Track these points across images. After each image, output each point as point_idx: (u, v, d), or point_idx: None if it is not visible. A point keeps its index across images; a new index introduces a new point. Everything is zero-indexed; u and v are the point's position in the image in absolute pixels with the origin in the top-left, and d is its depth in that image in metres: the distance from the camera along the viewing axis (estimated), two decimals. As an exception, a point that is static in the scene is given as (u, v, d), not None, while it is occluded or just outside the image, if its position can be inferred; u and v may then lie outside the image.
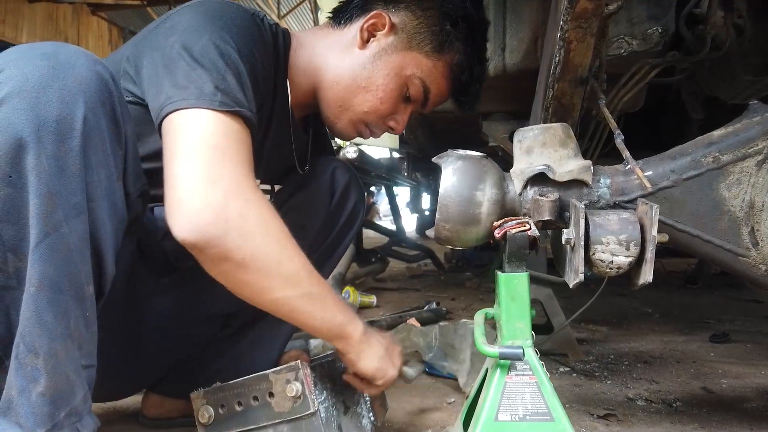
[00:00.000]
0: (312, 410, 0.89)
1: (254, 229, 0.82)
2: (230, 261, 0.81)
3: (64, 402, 0.70)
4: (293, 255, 0.86)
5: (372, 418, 1.10)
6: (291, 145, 1.17)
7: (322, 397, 0.95)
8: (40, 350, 0.68)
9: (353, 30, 1.09)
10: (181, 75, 0.84)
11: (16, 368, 0.68)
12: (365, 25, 1.07)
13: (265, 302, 0.87)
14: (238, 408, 0.94)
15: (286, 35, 1.09)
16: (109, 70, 0.76)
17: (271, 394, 0.92)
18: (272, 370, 0.92)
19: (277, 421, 0.91)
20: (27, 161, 0.67)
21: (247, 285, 0.84)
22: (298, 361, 0.92)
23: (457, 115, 1.99)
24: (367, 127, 1.12)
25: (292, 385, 0.90)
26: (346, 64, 1.07)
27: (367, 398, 1.10)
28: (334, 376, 1.03)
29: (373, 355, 0.97)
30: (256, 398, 0.93)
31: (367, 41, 1.07)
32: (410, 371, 1.10)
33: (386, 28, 1.07)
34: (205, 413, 0.95)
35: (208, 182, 0.79)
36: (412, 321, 2.13)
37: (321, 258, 1.24)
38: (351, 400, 1.05)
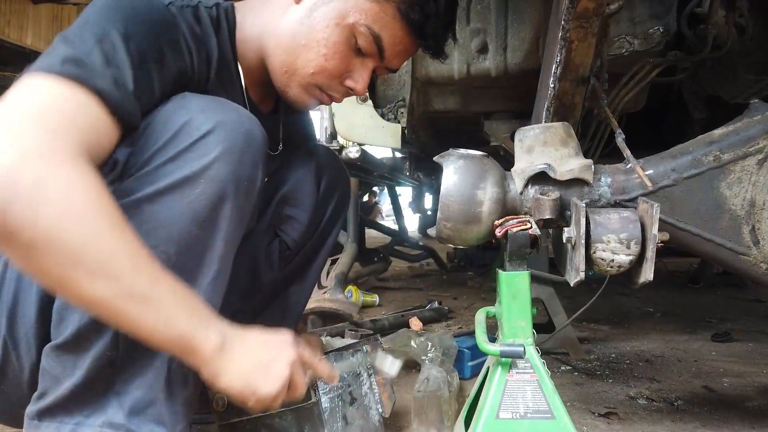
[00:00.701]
0: (313, 400, 0.93)
1: (53, 202, 0.63)
2: (16, 240, 0.62)
3: (195, 403, 0.83)
4: (111, 241, 0.66)
5: (380, 410, 1.11)
6: None
7: (327, 388, 0.97)
8: None
9: None
10: (41, 57, 0.72)
11: (166, 377, 0.77)
12: None
13: (74, 299, 0.69)
14: None
15: (230, 11, 0.99)
16: (262, 129, 0.84)
17: None
18: None
19: (281, 409, 0.95)
20: (224, 211, 0.78)
21: (46, 274, 0.65)
22: None
23: (460, 114, 1.99)
24: (323, 91, 1.00)
25: None
26: (285, 23, 0.97)
27: (376, 390, 1.11)
28: (342, 367, 1.04)
29: (235, 372, 0.77)
30: None
31: None
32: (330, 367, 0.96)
33: None
34: (219, 401, 0.98)
35: (4, 139, 0.63)
36: (414, 320, 2.14)
37: (312, 249, 1.24)
38: (358, 391, 1.07)
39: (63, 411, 0.75)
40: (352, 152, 2.27)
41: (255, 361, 0.79)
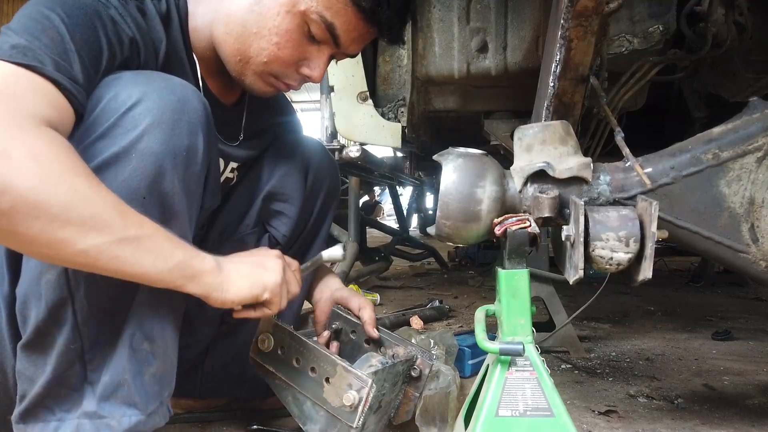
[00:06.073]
0: (354, 426, 0.90)
1: (24, 168, 0.63)
2: None
3: (168, 382, 0.82)
4: (93, 194, 0.68)
5: (391, 414, 1.10)
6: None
7: (372, 410, 0.94)
8: (156, 337, 0.79)
9: None
10: None
11: (129, 355, 0.77)
12: None
13: (70, 258, 0.69)
14: (294, 363, 0.96)
15: (181, 1, 0.97)
16: (201, 96, 0.83)
17: (327, 379, 0.93)
18: (346, 364, 0.92)
19: (319, 403, 0.94)
20: (165, 185, 0.77)
21: (35, 241, 0.66)
22: (371, 380, 0.90)
23: (460, 113, 2.00)
24: (278, 79, 0.98)
25: (350, 393, 0.89)
26: (234, 10, 0.94)
27: (399, 399, 1.09)
28: (386, 383, 1.01)
29: (237, 279, 0.82)
30: (313, 369, 0.95)
31: None
32: (336, 251, 1.07)
33: None
34: (265, 341, 0.98)
35: None
36: (415, 319, 2.15)
37: (305, 243, 1.24)
38: (387, 399, 1.03)
39: (45, 409, 0.75)
40: (353, 152, 2.27)
41: (249, 265, 0.87)
